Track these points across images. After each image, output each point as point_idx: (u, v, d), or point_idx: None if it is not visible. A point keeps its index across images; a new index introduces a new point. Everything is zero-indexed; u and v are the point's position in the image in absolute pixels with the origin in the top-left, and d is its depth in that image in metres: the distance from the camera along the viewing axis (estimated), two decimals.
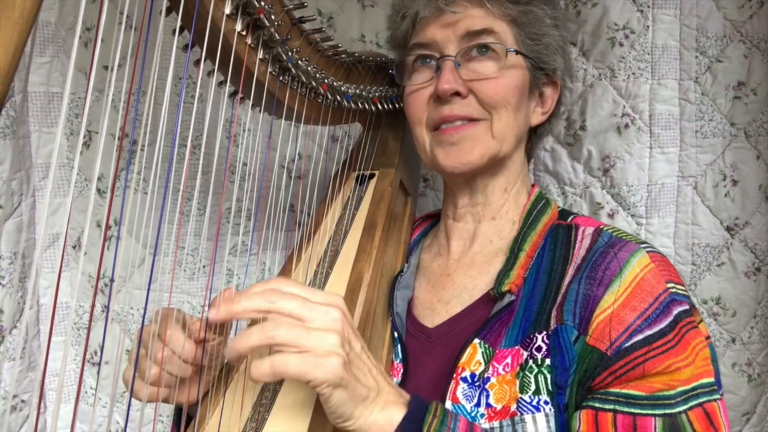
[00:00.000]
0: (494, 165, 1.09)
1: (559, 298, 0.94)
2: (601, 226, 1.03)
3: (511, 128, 1.06)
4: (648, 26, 1.51)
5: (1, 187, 1.44)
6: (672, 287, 0.91)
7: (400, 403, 0.80)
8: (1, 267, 1.46)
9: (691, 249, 1.54)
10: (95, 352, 1.63)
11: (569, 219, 1.08)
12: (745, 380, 1.55)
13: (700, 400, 0.84)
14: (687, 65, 1.52)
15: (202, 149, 1.07)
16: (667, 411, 0.83)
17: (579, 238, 1.02)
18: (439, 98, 1.06)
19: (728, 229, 1.53)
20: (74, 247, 1.62)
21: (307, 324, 0.73)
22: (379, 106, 1.21)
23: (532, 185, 1.17)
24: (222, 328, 0.93)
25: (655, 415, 0.83)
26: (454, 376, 0.95)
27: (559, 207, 1.12)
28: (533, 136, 1.17)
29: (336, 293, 0.80)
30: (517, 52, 1.06)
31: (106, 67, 1.39)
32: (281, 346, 0.72)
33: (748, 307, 1.54)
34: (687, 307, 0.90)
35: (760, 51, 1.50)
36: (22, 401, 1.53)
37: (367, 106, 1.18)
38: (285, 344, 0.72)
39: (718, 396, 0.86)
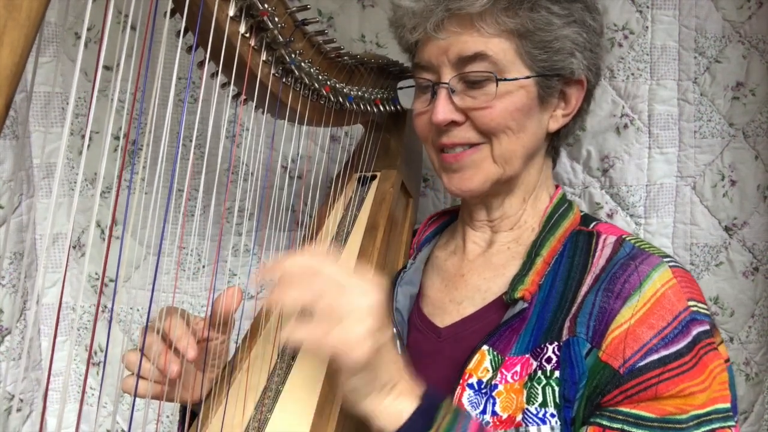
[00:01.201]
0: (503, 186, 1.06)
1: (574, 309, 0.91)
2: (623, 236, 0.99)
3: (513, 151, 1.01)
4: (647, 27, 1.52)
5: (1, 187, 1.44)
6: (693, 305, 0.88)
7: (413, 395, 0.80)
8: (0, 267, 1.46)
9: (690, 249, 1.55)
10: (95, 352, 1.63)
11: (591, 225, 1.03)
12: (743, 379, 1.55)
13: (713, 426, 0.82)
14: (686, 66, 1.52)
15: (207, 149, 1.07)
16: None
17: (600, 246, 0.98)
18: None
19: (726, 229, 1.54)
20: (74, 247, 1.63)
21: (349, 299, 0.74)
22: (381, 108, 1.21)
23: (556, 186, 1.12)
24: (225, 327, 0.93)
25: None
26: (461, 382, 0.94)
27: (582, 212, 1.08)
28: (556, 138, 1.10)
29: (373, 288, 0.79)
30: (512, 78, 0.98)
31: (107, 68, 1.38)
32: (321, 314, 0.73)
33: (746, 307, 1.55)
34: (707, 327, 0.87)
35: (759, 51, 1.51)
36: (22, 401, 1.53)
37: (369, 108, 1.18)
38: (325, 313, 0.73)
39: (732, 423, 0.84)
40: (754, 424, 1.56)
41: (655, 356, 0.84)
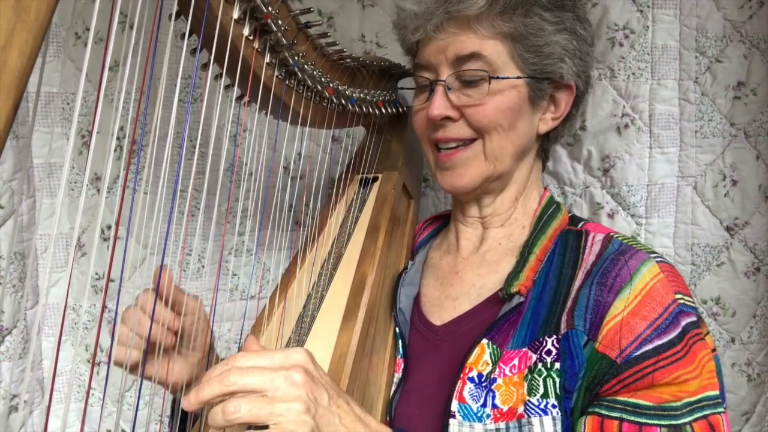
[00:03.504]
0: (494, 183, 1.09)
1: (569, 303, 0.94)
2: (611, 233, 1.03)
3: (503, 148, 1.05)
4: (648, 26, 1.52)
5: (1, 187, 1.43)
6: (680, 298, 0.91)
7: None
8: (1, 267, 1.46)
9: (691, 249, 1.55)
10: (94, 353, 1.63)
11: (579, 225, 1.08)
12: (745, 380, 1.55)
13: (705, 413, 0.85)
14: (687, 65, 1.52)
15: (210, 149, 1.07)
16: (673, 422, 0.84)
17: (589, 244, 1.02)
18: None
19: (728, 229, 1.54)
20: (75, 247, 1.62)
21: (270, 394, 0.72)
22: (383, 110, 1.22)
23: (544, 188, 1.17)
24: (180, 306, 0.97)
25: (660, 426, 0.84)
26: (461, 376, 0.96)
27: (569, 212, 1.12)
28: (546, 140, 1.15)
29: (297, 348, 0.78)
30: (504, 77, 1.03)
31: (109, 69, 1.38)
32: (247, 424, 0.72)
33: (747, 307, 1.55)
34: (695, 318, 0.90)
35: (760, 51, 1.51)
36: (24, 401, 1.53)
37: (371, 110, 1.19)
38: (250, 423, 0.72)
39: (722, 409, 0.86)
40: (756, 425, 1.56)
41: (649, 346, 0.87)
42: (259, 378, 0.73)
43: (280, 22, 0.88)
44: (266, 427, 0.72)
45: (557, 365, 0.90)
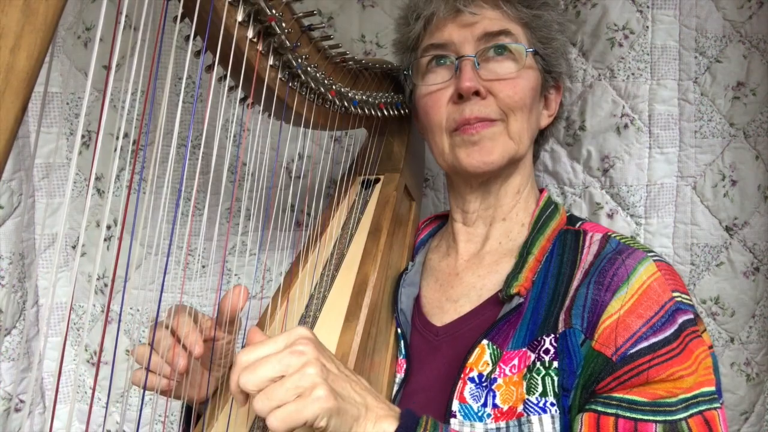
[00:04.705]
0: (510, 167, 1.10)
1: (567, 302, 0.95)
2: (609, 233, 1.04)
3: (525, 130, 1.08)
4: (647, 26, 1.52)
5: (1, 187, 1.43)
6: (677, 296, 0.92)
7: (391, 416, 0.81)
8: (1, 267, 1.46)
9: (690, 249, 1.55)
10: (95, 352, 1.62)
11: (577, 224, 1.09)
12: (744, 380, 1.56)
13: (701, 408, 0.85)
14: (686, 65, 1.52)
15: (214, 150, 1.07)
16: (668, 418, 0.84)
17: (587, 243, 1.03)
18: (460, 98, 1.06)
19: (727, 229, 1.54)
20: (74, 247, 1.62)
21: (285, 374, 0.74)
22: (385, 112, 1.22)
23: (541, 189, 1.18)
24: (231, 326, 0.94)
25: (656, 422, 0.84)
26: (462, 376, 0.96)
27: (567, 212, 1.13)
28: (539, 138, 1.19)
29: (297, 327, 0.80)
30: (535, 52, 1.08)
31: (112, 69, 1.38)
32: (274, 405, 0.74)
33: (746, 307, 1.55)
34: (691, 316, 0.91)
35: (760, 51, 1.51)
36: (21, 401, 1.53)
37: (373, 112, 1.19)
38: (276, 403, 0.73)
39: (718, 405, 0.87)
40: (755, 425, 1.57)
41: (645, 343, 0.88)
42: (271, 367, 0.75)
43: (283, 24, 0.88)
44: None
45: (555, 364, 0.91)
